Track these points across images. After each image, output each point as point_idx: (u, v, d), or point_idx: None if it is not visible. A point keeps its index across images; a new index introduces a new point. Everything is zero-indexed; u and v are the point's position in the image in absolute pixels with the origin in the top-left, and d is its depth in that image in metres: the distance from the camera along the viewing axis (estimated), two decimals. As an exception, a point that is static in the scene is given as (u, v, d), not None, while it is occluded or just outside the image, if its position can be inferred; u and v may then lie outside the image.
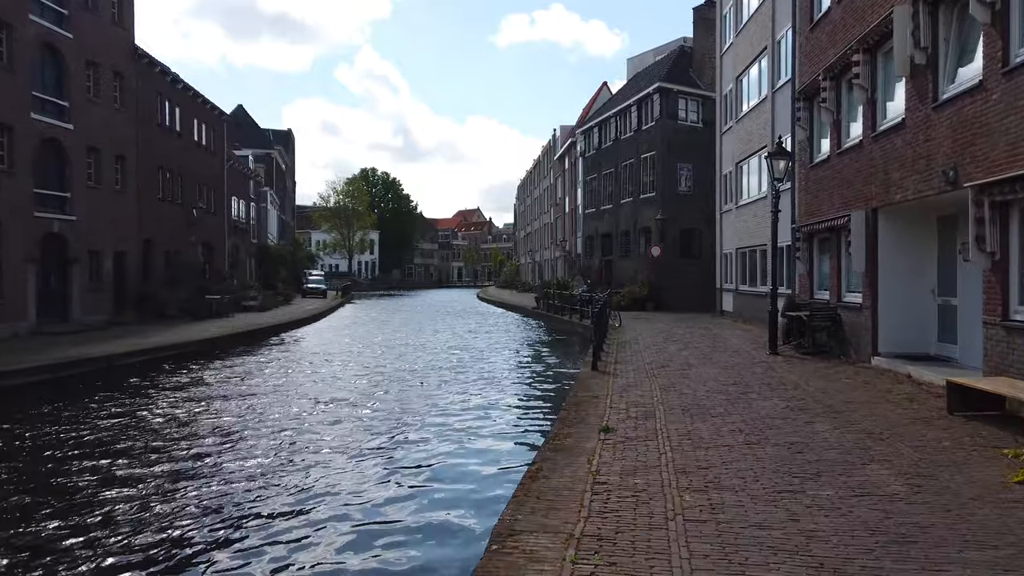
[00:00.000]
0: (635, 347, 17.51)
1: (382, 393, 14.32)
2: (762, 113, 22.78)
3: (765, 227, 22.38)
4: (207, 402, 13.13)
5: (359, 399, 13.70)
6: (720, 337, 19.75)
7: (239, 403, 13.05)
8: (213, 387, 14.79)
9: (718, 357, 15.09)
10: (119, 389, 14.36)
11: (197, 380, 15.71)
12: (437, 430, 10.93)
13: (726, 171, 27.96)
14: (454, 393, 14.26)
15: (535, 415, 12.27)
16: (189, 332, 23.12)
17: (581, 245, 45.37)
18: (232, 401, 13.23)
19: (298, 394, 14.16)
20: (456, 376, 16.36)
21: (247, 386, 14.93)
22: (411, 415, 12.10)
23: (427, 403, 13.16)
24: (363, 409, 12.67)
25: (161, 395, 13.89)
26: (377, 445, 10.01)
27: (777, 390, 10.82)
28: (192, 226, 32.71)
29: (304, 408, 12.74)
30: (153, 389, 14.54)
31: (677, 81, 34.89)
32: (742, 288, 25.68)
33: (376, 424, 11.42)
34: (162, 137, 29.85)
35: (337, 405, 13.04)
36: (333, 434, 10.67)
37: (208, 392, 14.18)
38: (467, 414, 12.17)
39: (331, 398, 13.67)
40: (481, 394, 14.14)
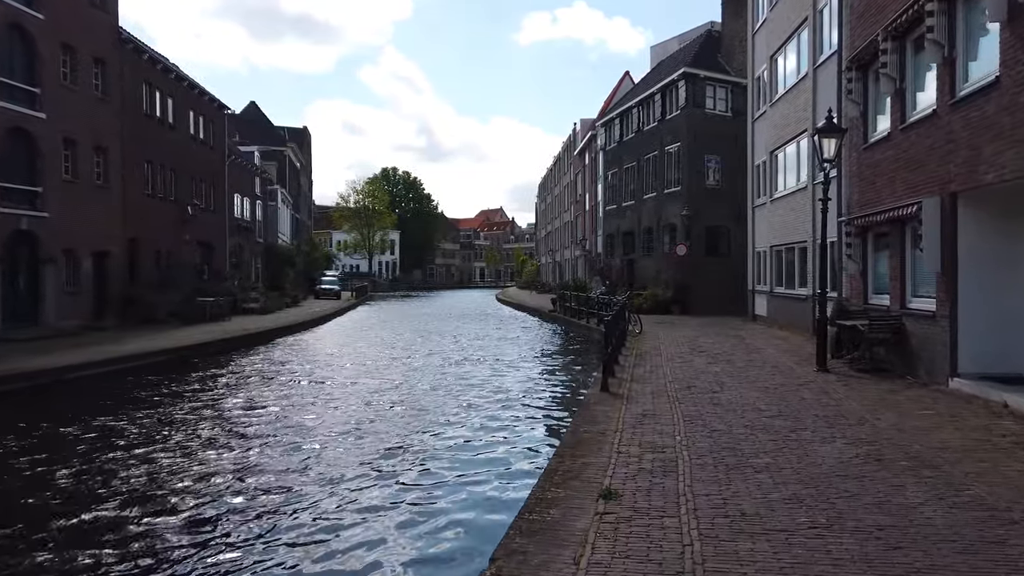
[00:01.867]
0: (656, 359, 15.10)
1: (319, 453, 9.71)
2: (801, 93, 20.21)
3: (803, 221, 19.86)
4: (108, 449, 9.82)
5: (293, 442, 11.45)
6: (754, 347, 17.25)
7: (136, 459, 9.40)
8: (129, 433, 10.91)
9: (755, 374, 12.64)
10: (40, 412, 12.26)
11: (120, 411, 12.41)
12: (383, 517, 7.19)
13: (759, 161, 25.37)
14: (423, 434, 10.76)
15: (524, 465, 9.15)
16: (168, 339, 21.16)
17: (601, 244, 42.89)
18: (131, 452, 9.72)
19: (231, 443, 10.37)
20: (440, 414, 12.26)
21: (167, 432, 11.04)
22: (344, 482, 8.36)
23: (372, 466, 9.03)
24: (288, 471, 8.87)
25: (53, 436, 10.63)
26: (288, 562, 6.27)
27: (837, 425, 8.38)
28: (187, 224, 30.88)
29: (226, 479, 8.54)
30: (68, 419, 11.61)
31: (704, 66, 32.31)
32: (777, 290, 23.11)
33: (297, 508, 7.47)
34: (152, 129, 28.03)
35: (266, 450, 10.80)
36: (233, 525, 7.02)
37: (122, 431, 10.92)
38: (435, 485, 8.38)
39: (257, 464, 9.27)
40: (467, 445, 10.27)
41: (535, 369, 18.40)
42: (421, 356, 21.18)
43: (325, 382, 15.99)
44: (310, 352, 22.22)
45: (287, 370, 17.90)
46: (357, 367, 18.68)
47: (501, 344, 25.13)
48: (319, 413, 12.45)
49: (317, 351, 22.62)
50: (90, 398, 13.59)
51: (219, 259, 35.31)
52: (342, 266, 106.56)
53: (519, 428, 11.30)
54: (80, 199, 23.33)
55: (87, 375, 15.65)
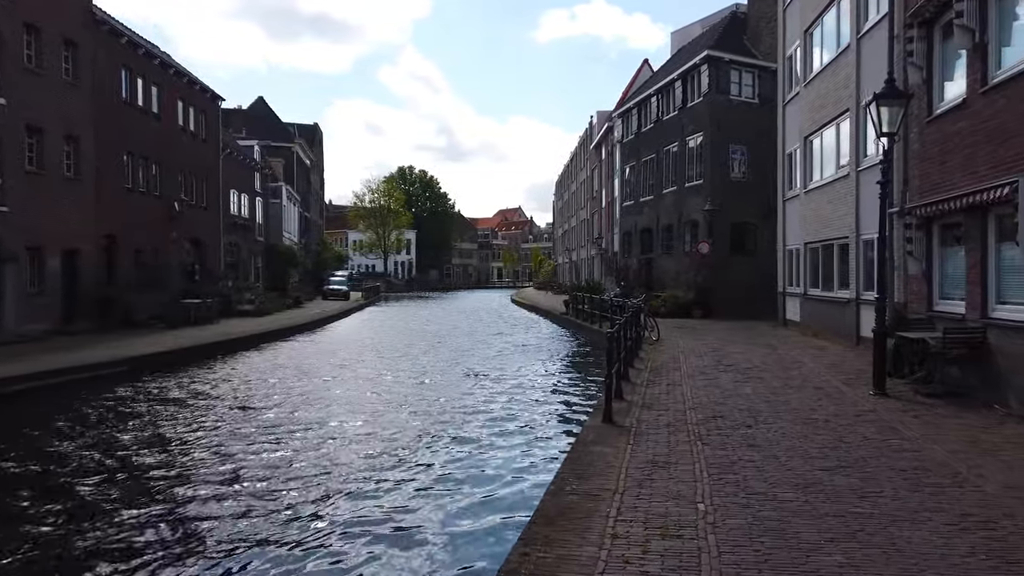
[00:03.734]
0: (674, 375, 12.76)
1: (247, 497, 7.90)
2: (841, 69, 17.71)
3: (844, 215, 17.37)
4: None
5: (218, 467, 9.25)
6: (790, 359, 14.81)
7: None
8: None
9: (796, 398, 10.26)
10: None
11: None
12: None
13: (790, 149, 22.85)
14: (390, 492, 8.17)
15: (474, 554, 6.49)
16: (131, 346, 19.14)
17: (618, 242, 40.44)
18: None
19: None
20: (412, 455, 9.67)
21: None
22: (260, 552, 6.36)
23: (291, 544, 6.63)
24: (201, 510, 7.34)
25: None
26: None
27: (925, 487, 6.01)
28: (174, 221, 28.98)
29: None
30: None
31: (729, 50, 29.76)
32: (811, 292, 20.60)
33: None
34: (132, 118, 26.12)
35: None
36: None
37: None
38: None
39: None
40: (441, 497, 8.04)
41: (534, 390, 15.89)
42: (429, 350, 18.99)
43: (252, 416, 12.27)
44: (270, 370, 18.51)
45: (221, 399, 13.90)
46: (337, 388, 16.51)
47: (507, 355, 22.85)
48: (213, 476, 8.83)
49: (282, 367, 19.74)
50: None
51: (212, 258, 33.43)
52: (357, 266, 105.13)
53: (491, 486, 8.40)
54: (47, 192, 21.43)
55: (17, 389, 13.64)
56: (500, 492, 8.19)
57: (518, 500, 7.83)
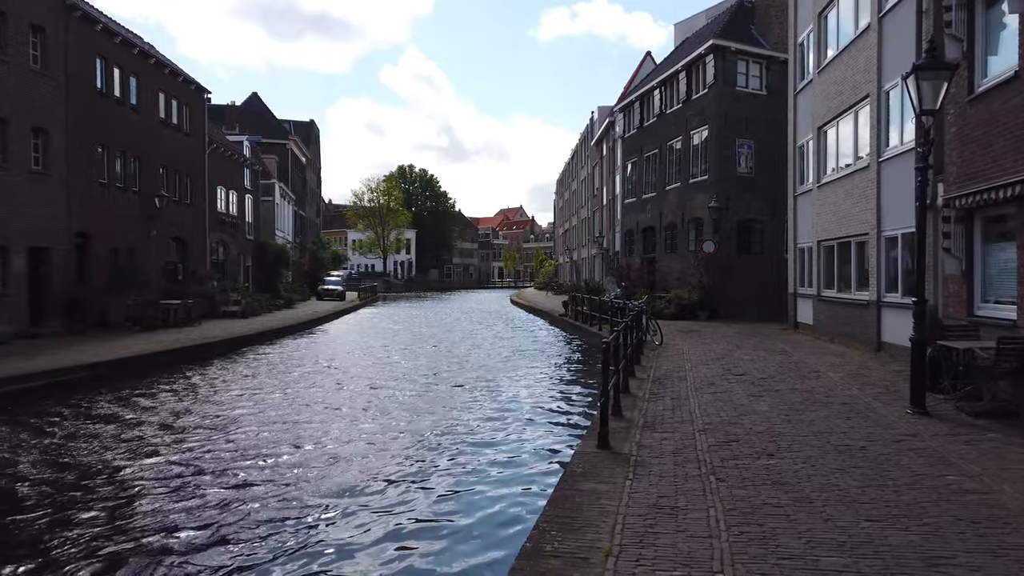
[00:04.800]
0: (679, 387, 11.42)
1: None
2: (861, 52, 16.36)
3: (863, 210, 16.02)
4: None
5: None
6: (807, 368, 13.46)
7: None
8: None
9: (822, 417, 8.91)
10: None
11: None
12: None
13: (802, 141, 21.51)
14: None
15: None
16: (99, 350, 17.84)
17: (619, 241, 39.08)
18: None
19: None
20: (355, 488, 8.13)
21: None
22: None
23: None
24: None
25: None
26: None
27: (1010, 551, 4.67)
28: (154, 218, 27.63)
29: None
30: None
31: (736, 39, 28.41)
32: (826, 294, 19.25)
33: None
34: (108, 110, 24.80)
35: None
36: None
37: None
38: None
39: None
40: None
41: (527, 406, 14.49)
42: (415, 354, 17.65)
43: (182, 444, 10.17)
44: (236, 380, 17.23)
45: (149, 424, 11.45)
46: (281, 399, 15.16)
47: (490, 368, 21.50)
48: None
49: (250, 377, 18.84)
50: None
51: (197, 257, 32.10)
52: (356, 266, 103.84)
53: (454, 541, 6.70)
54: (11, 187, 20.10)
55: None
56: (465, 553, 6.56)
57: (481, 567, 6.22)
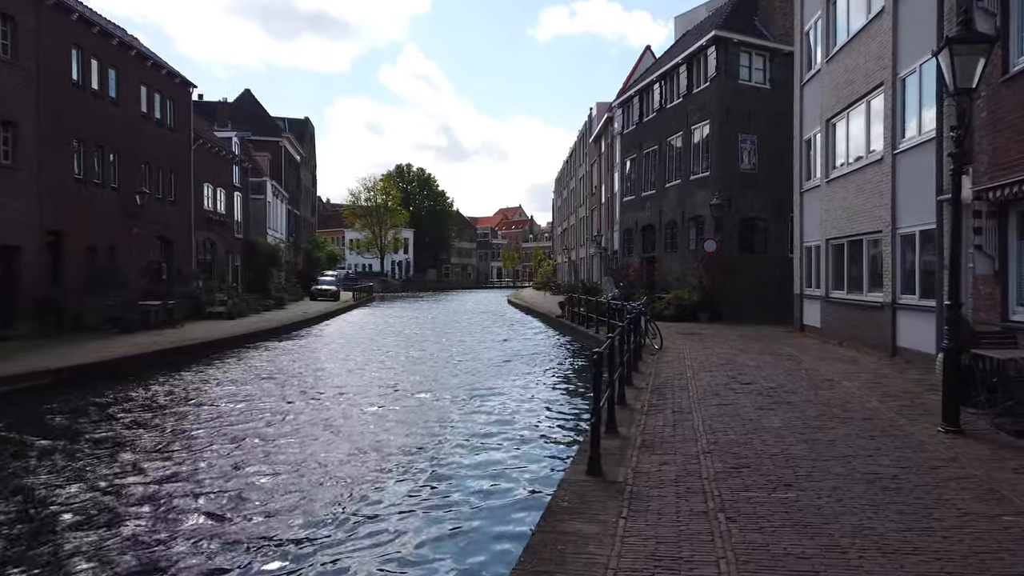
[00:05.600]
0: (680, 398, 10.41)
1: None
2: (874, 37, 15.36)
3: (877, 205, 15.01)
4: None
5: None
6: (819, 376, 12.45)
7: None
8: None
9: (843, 436, 7.91)
10: None
11: None
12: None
13: (809, 135, 20.51)
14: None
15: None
16: (69, 354, 16.82)
17: (618, 240, 38.06)
18: None
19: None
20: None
21: None
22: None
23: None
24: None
25: None
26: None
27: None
28: (136, 216, 26.62)
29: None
30: None
31: (738, 30, 27.38)
32: (835, 295, 18.25)
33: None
34: (85, 103, 23.77)
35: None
36: None
37: None
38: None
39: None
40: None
41: (512, 420, 13.21)
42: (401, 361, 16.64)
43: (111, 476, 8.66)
44: (199, 392, 15.15)
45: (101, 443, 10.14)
46: (248, 409, 14.14)
47: (489, 374, 20.47)
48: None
49: (217, 387, 17.52)
50: None
51: (182, 257, 31.07)
52: (354, 266, 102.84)
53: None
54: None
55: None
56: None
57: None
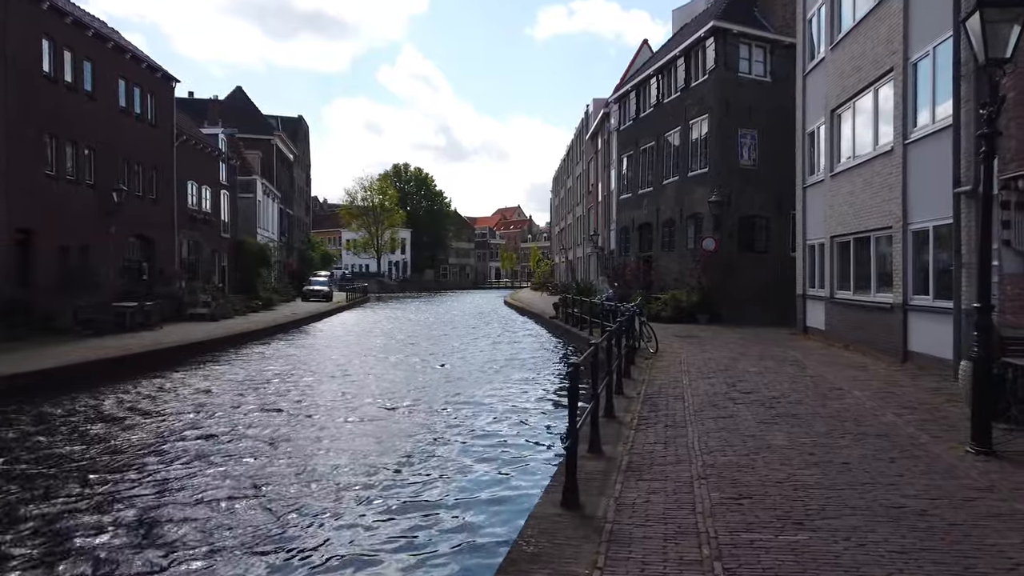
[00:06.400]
0: (675, 409, 9.45)
1: None
2: (883, 20, 14.41)
3: (886, 200, 14.05)
4: None
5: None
6: (826, 384, 11.48)
7: None
8: None
9: (857, 458, 6.94)
10: None
11: None
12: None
13: (812, 127, 19.56)
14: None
15: None
16: (28, 359, 15.84)
17: (615, 239, 37.12)
18: None
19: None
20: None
21: None
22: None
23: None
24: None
25: None
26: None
27: None
28: (113, 214, 25.63)
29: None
30: None
31: (738, 21, 26.43)
32: (840, 296, 17.30)
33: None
34: (58, 97, 22.81)
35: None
36: None
37: None
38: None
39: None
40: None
41: (493, 436, 12.29)
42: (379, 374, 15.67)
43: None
44: (153, 404, 15.00)
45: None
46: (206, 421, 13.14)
47: (476, 380, 19.49)
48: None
49: (179, 400, 16.88)
50: None
51: (164, 256, 30.11)
52: (351, 266, 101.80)
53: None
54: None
55: None
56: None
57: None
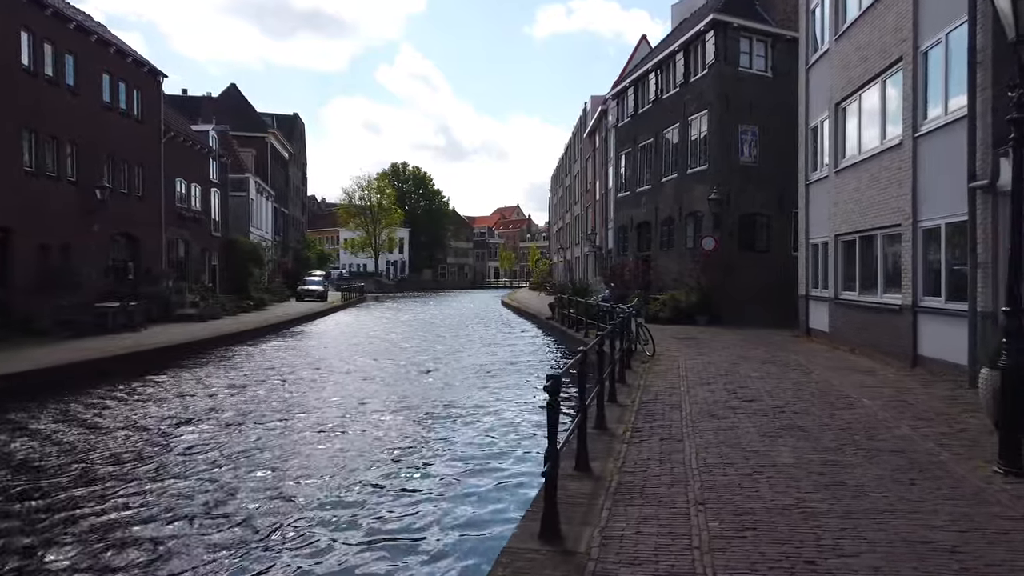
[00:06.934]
0: (671, 421, 8.75)
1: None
2: (890, 8, 13.70)
3: (895, 196, 13.35)
4: None
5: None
6: (834, 391, 10.78)
7: None
8: None
9: (874, 480, 6.24)
10: None
11: None
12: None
13: (816, 121, 18.87)
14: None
15: None
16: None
17: (613, 238, 36.42)
18: None
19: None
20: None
21: None
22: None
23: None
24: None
25: None
26: None
27: None
28: (96, 212, 24.95)
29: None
30: None
31: (738, 14, 25.74)
32: (845, 296, 16.61)
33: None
34: (37, 91, 22.09)
35: None
36: None
37: None
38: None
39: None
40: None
41: (475, 454, 11.69)
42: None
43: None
44: (111, 416, 15.18)
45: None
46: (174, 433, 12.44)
47: (464, 385, 18.81)
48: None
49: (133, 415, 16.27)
50: None
51: (151, 255, 29.42)
52: (348, 265, 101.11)
53: None
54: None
55: None
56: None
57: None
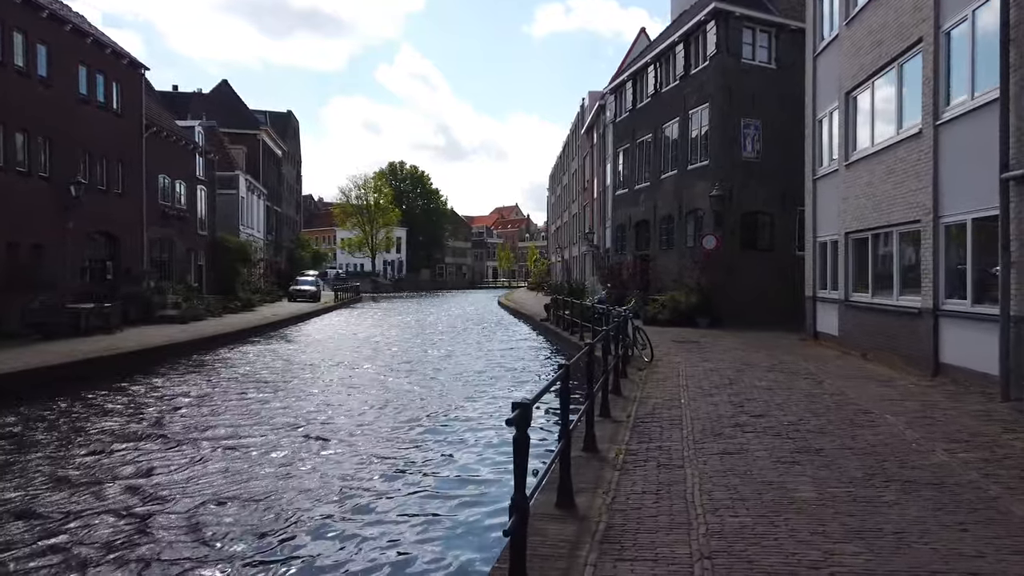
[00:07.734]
0: (671, 440, 7.70)
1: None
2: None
3: (913, 190, 12.28)
4: None
5: None
6: (851, 404, 9.73)
7: None
8: None
9: (914, 520, 5.21)
10: None
11: None
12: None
13: (824, 113, 17.83)
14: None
15: None
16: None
17: (611, 237, 35.38)
18: None
19: None
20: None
21: None
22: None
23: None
24: None
25: None
26: None
27: None
28: (71, 210, 23.89)
29: None
30: None
31: (741, 3, 24.68)
32: (857, 298, 15.57)
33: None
34: (5, 82, 21.05)
35: None
36: None
37: None
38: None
39: None
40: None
41: (451, 478, 10.84)
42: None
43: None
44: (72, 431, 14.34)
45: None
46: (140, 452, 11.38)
47: (453, 391, 17.78)
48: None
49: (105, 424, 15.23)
50: None
51: (131, 254, 28.35)
52: (345, 265, 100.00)
53: None
54: None
55: None
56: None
57: None
